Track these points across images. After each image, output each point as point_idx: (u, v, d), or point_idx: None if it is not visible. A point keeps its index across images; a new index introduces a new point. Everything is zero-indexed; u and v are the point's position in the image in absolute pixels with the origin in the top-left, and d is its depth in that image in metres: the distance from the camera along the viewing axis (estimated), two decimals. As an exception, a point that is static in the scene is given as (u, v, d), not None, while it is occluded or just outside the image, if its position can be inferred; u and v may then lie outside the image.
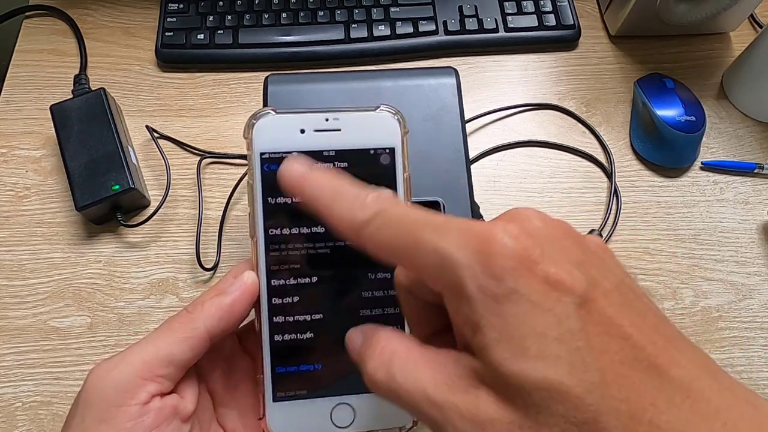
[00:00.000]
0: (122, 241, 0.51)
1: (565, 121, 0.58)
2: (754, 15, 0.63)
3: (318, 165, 0.23)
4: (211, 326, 0.25)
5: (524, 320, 0.17)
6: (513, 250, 0.18)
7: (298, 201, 0.22)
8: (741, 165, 0.55)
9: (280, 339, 0.26)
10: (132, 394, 0.24)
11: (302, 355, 0.26)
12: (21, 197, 0.52)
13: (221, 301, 0.25)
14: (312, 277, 0.26)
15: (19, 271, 0.49)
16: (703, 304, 0.49)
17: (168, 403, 0.24)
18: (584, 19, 0.63)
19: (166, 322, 0.26)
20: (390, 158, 0.27)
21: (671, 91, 0.56)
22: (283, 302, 0.26)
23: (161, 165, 0.53)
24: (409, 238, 0.19)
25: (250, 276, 0.26)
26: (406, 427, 0.26)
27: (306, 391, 0.26)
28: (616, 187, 0.54)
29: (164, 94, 0.58)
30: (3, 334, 0.47)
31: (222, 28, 0.59)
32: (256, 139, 0.26)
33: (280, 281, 0.26)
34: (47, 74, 0.58)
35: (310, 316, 0.26)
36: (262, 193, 0.26)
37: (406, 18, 0.60)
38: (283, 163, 0.22)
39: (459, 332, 0.20)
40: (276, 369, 0.26)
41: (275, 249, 0.26)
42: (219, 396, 0.28)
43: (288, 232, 0.26)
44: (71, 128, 0.50)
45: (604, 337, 0.17)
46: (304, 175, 0.22)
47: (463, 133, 0.38)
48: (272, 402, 0.26)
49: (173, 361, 0.24)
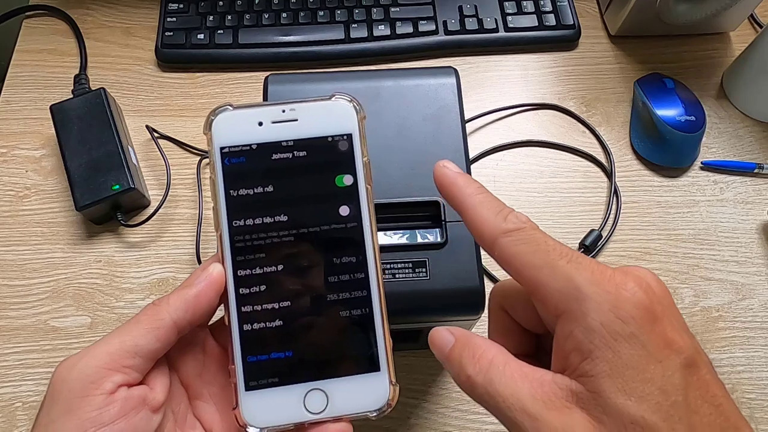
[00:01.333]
0: (122, 241, 0.51)
1: (565, 121, 0.58)
2: (754, 15, 0.63)
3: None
4: (177, 317, 0.25)
5: (636, 363, 0.20)
6: (641, 301, 0.21)
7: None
8: (741, 165, 0.55)
9: (249, 328, 0.26)
10: (97, 384, 0.24)
11: (272, 343, 0.26)
12: (21, 197, 0.52)
13: (187, 292, 0.26)
14: (278, 265, 0.26)
15: (19, 271, 0.49)
16: (703, 304, 0.49)
17: (135, 393, 0.25)
18: (584, 19, 0.63)
19: (133, 316, 0.26)
20: (348, 144, 0.27)
21: (671, 91, 0.56)
22: (250, 292, 0.26)
23: (161, 165, 0.53)
24: (543, 259, 0.22)
25: (215, 267, 0.26)
26: (381, 409, 0.26)
27: (278, 379, 0.26)
28: (616, 187, 0.54)
29: (164, 94, 0.58)
30: (3, 334, 0.47)
31: (222, 28, 0.59)
32: (215, 135, 0.26)
33: (246, 271, 0.26)
34: (47, 74, 0.58)
35: (278, 303, 0.26)
36: (224, 187, 0.26)
37: (406, 18, 0.60)
38: (440, 162, 0.26)
39: (563, 355, 0.22)
40: (247, 358, 0.26)
41: (240, 240, 0.26)
42: (194, 389, 0.28)
43: (251, 222, 0.26)
44: (71, 128, 0.50)
45: (699, 399, 0.20)
46: (459, 174, 0.26)
47: (463, 133, 0.38)
48: (245, 391, 0.26)
49: (139, 351, 0.25)
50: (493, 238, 0.24)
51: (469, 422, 0.45)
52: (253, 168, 0.27)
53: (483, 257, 0.34)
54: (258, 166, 0.27)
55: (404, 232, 0.36)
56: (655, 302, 0.21)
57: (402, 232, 0.36)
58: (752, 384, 0.47)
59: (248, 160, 0.27)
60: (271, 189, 0.26)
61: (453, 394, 0.46)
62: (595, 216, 0.53)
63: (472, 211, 0.25)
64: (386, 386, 0.26)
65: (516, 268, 0.23)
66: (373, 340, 0.26)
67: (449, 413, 0.46)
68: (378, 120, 0.38)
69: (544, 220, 0.53)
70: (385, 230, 0.36)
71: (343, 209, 0.27)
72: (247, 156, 0.27)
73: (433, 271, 0.35)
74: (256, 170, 0.27)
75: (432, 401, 0.46)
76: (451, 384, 0.47)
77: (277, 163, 0.27)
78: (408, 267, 0.35)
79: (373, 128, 0.37)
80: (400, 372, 0.46)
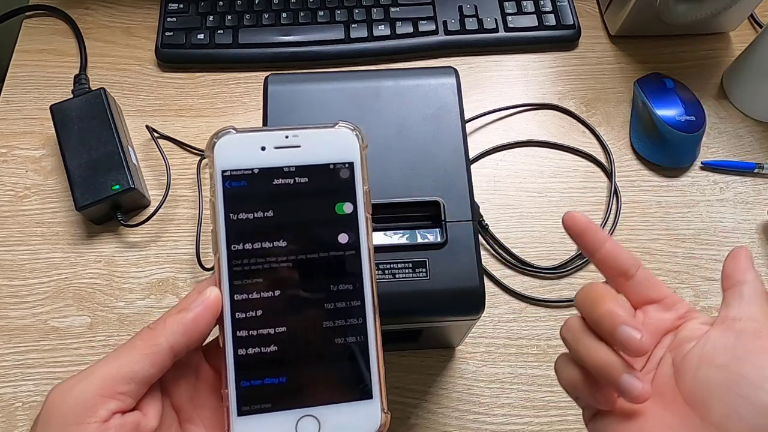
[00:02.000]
0: (122, 241, 0.51)
1: (565, 121, 0.58)
2: (754, 15, 0.63)
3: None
4: (173, 342, 0.25)
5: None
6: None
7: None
8: (741, 165, 0.55)
9: (243, 353, 0.26)
10: (91, 411, 0.23)
11: (266, 368, 0.26)
12: (21, 197, 0.52)
13: (184, 316, 0.25)
14: (275, 291, 0.26)
15: (19, 271, 0.49)
16: (703, 304, 0.49)
17: (129, 420, 0.24)
18: (584, 18, 0.63)
19: (128, 340, 0.26)
20: (349, 172, 0.27)
21: (671, 91, 0.56)
22: (246, 316, 0.26)
23: (161, 165, 0.53)
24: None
25: (212, 291, 0.26)
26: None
27: (271, 405, 0.26)
28: (616, 187, 0.54)
29: (164, 94, 0.58)
30: (3, 334, 0.47)
31: (222, 28, 0.59)
32: (217, 157, 0.26)
33: (243, 296, 0.26)
34: (47, 74, 0.58)
35: (274, 329, 0.26)
36: (224, 210, 0.26)
37: (406, 18, 0.60)
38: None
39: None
40: (240, 383, 0.26)
41: (238, 264, 0.26)
42: (185, 412, 0.28)
43: (250, 247, 0.26)
44: (71, 128, 0.50)
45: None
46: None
47: (463, 132, 0.38)
48: (237, 416, 0.26)
49: (135, 377, 0.24)
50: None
51: (469, 422, 0.45)
52: (254, 192, 0.26)
53: (483, 257, 0.34)
54: (259, 191, 0.26)
55: (404, 232, 0.36)
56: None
57: (402, 232, 0.36)
58: (752, 384, 0.47)
59: (249, 185, 0.26)
60: (271, 214, 0.26)
61: (453, 394, 0.46)
62: (595, 216, 0.53)
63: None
64: (378, 414, 0.26)
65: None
66: (367, 368, 0.26)
67: (449, 413, 0.46)
68: (378, 120, 0.38)
69: (544, 220, 0.53)
70: (385, 230, 0.36)
71: (342, 237, 0.27)
72: (248, 180, 0.26)
73: (433, 271, 0.35)
74: (257, 195, 0.26)
75: (432, 401, 0.46)
76: (451, 384, 0.47)
77: (278, 189, 0.27)
78: (408, 267, 0.35)
79: (373, 128, 0.37)
80: (401, 372, 0.47)
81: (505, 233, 0.52)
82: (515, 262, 0.51)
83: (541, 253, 0.51)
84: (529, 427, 0.45)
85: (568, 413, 0.46)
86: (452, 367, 0.47)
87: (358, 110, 0.38)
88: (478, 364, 0.47)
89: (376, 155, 0.36)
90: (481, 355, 0.48)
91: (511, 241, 0.51)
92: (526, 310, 0.49)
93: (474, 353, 0.48)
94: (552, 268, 0.51)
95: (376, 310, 0.27)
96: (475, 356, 0.48)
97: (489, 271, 0.50)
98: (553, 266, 0.51)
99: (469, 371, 0.47)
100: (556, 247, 0.51)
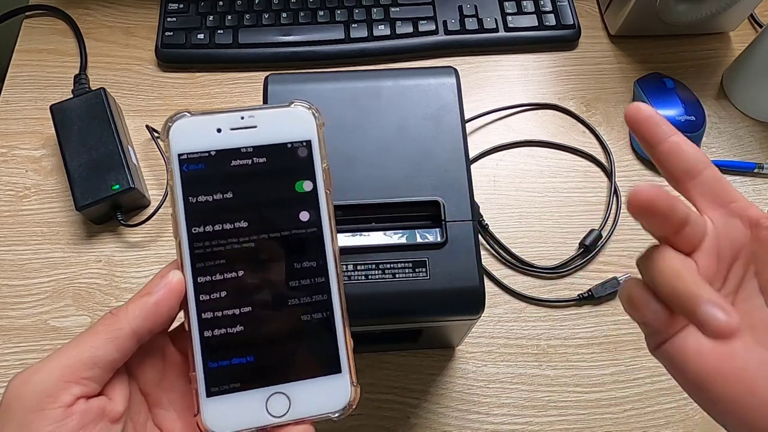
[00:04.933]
0: (122, 241, 0.51)
1: (565, 121, 0.58)
2: (754, 15, 0.63)
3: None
4: (136, 326, 0.25)
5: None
6: None
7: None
8: (741, 165, 0.55)
9: (210, 334, 0.26)
10: (54, 398, 0.23)
11: (233, 348, 0.26)
12: (21, 197, 0.52)
13: (146, 300, 0.25)
14: (238, 271, 0.26)
15: (19, 270, 0.49)
16: (703, 304, 0.49)
17: (94, 405, 0.24)
18: (584, 18, 0.63)
19: (90, 326, 0.26)
20: (307, 151, 0.27)
21: (671, 91, 0.56)
22: (210, 298, 0.26)
23: (161, 165, 0.53)
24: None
25: (175, 275, 0.26)
26: (342, 410, 0.26)
27: (240, 384, 0.26)
28: (616, 187, 0.54)
29: (164, 94, 0.58)
30: (3, 334, 0.47)
31: (222, 28, 0.59)
32: (173, 141, 0.26)
33: (206, 278, 0.26)
34: (47, 74, 0.58)
35: (239, 309, 0.26)
36: (182, 193, 0.26)
37: (406, 18, 0.60)
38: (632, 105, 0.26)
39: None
40: (208, 364, 0.26)
41: (199, 247, 0.26)
42: (154, 397, 0.28)
43: (211, 229, 0.26)
44: (71, 128, 0.50)
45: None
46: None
47: (463, 132, 0.38)
48: (206, 398, 0.26)
49: (98, 362, 0.24)
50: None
51: (469, 422, 0.45)
52: (212, 174, 0.26)
53: (483, 257, 0.34)
54: (217, 173, 0.26)
55: (404, 232, 0.36)
56: None
57: (402, 232, 0.36)
58: (752, 384, 0.47)
59: (207, 167, 0.26)
60: (230, 195, 0.27)
61: (453, 394, 0.46)
62: (595, 216, 0.53)
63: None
64: (347, 387, 0.26)
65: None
66: (334, 343, 0.27)
67: (449, 413, 0.46)
68: (378, 120, 0.38)
69: (544, 220, 0.53)
70: (385, 230, 0.36)
71: (303, 215, 0.27)
72: (205, 162, 0.26)
73: (433, 271, 0.35)
74: (215, 177, 0.26)
75: (432, 401, 0.46)
76: (451, 384, 0.47)
77: (237, 170, 0.27)
78: (408, 267, 0.35)
79: (373, 128, 0.37)
80: (400, 372, 0.47)
81: (505, 233, 0.52)
82: (515, 261, 0.51)
83: (541, 253, 0.51)
84: (529, 427, 0.45)
85: (569, 413, 0.46)
86: (452, 366, 0.47)
87: (358, 110, 0.38)
88: (478, 364, 0.47)
89: (376, 155, 0.36)
90: (481, 354, 0.48)
91: (511, 241, 0.51)
92: (526, 310, 0.49)
93: (474, 353, 0.48)
94: (552, 268, 0.50)
95: (340, 285, 0.27)
96: (475, 356, 0.48)
97: (489, 270, 0.50)
98: (553, 266, 0.51)
99: (469, 371, 0.47)
100: (556, 247, 0.51)
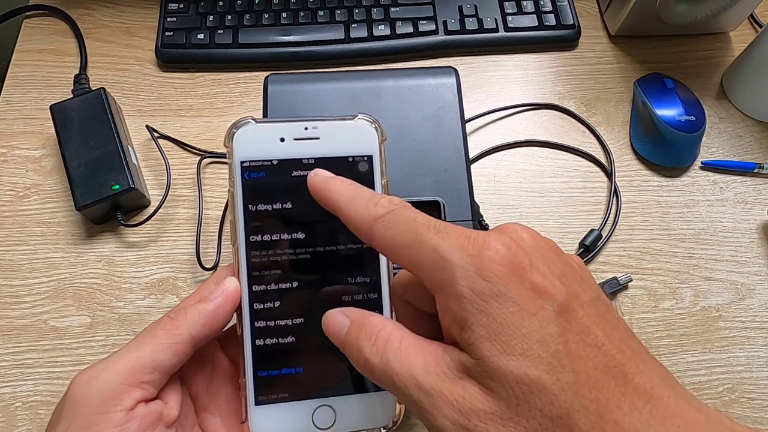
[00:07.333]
0: (122, 241, 0.51)
1: (565, 121, 0.58)
2: (754, 15, 0.63)
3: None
4: (195, 332, 0.25)
5: (510, 321, 0.19)
6: (504, 256, 0.20)
7: (317, 201, 0.25)
8: (741, 165, 0.55)
9: (261, 343, 0.26)
10: (117, 400, 0.24)
11: (284, 358, 0.26)
12: (21, 197, 0.52)
13: (204, 307, 0.26)
14: (293, 282, 0.26)
15: (19, 270, 0.49)
16: (703, 304, 0.49)
17: (152, 409, 0.25)
18: (584, 18, 0.63)
19: (148, 329, 0.26)
20: (368, 165, 0.27)
21: (671, 91, 0.56)
22: (264, 307, 0.26)
23: (161, 165, 0.53)
24: (412, 236, 0.22)
25: (232, 282, 0.26)
26: (386, 427, 0.26)
27: (288, 394, 0.26)
28: (616, 187, 0.54)
29: (164, 94, 0.58)
30: (3, 334, 0.47)
31: (222, 28, 0.59)
32: (236, 148, 0.27)
33: (261, 286, 0.26)
34: (47, 74, 0.58)
35: (292, 320, 0.26)
36: (243, 201, 0.26)
37: (406, 18, 0.60)
38: (311, 172, 0.26)
39: (447, 329, 0.21)
40: (258, 373, 0.26)
41: (256, 255, 0.26)
42: (201, 401, 0.28)
43: (269, 238, 0.26)
44: (71, 128, 0.50)
45: (580, 343, 0.20)
46: (329, 179, 0.25)
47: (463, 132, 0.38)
48: (254, 406, 0.26)
49: (157, 367, 0.25)
50: (368, 227, 0.23)
51: (469, 422, 0.45)
52: (273, 184, 0.27)
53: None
54: (278, 182, 0.26)
55: (404, 232, 0.36)
56: (520, 254, 0.20)
57: (402, 232, 0.36)
58: (752, 384, 0.47)
59: (268, 176, 0.27)
60: (289, 206, 0.27)
61: (453, 394, 0.46)
62: (595, 216, 0.53)
63: (345, 208, 0.24)
64: (393, 404, 0.27)
65: (394, 252, 0.22)
66: None
67: (449, 413, 0.46)
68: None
69: (544, 220, 0.53)
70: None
71: None
72: (267, 171, 0.27)
73: (433, 271, 0.34)
74: (275, 186, 0.26)
75: (432, 401, 0.46)
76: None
77: (297, 181, 0.26)
78: (408, 267, 0.35)
79: (373, 128, 0.37)
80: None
81: (505, 233, 0.52)
82: (515, 262, 0.51)
83: (541, 253, 0.51)
84: (529, 427, 0.45)
85: (568, 413, 0.46)
86: (452, 367, 0.47)
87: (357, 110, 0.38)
88: (478, 364, 0.47)
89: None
90: (481, 355, 0.48)
91: (511, 241, 0.51)
92: (526, 310, 0.49)
93: (474, 353, 0.48)
94: (552, 268, 0.50)
95: (393, 302, 0.27)
96: (475, 356, 0.47)
97: (489, 271, 0.50)
98: (553, 266, 0.51)
99: (469, 371, 0.47)
100: (556, 247, 0.51)
